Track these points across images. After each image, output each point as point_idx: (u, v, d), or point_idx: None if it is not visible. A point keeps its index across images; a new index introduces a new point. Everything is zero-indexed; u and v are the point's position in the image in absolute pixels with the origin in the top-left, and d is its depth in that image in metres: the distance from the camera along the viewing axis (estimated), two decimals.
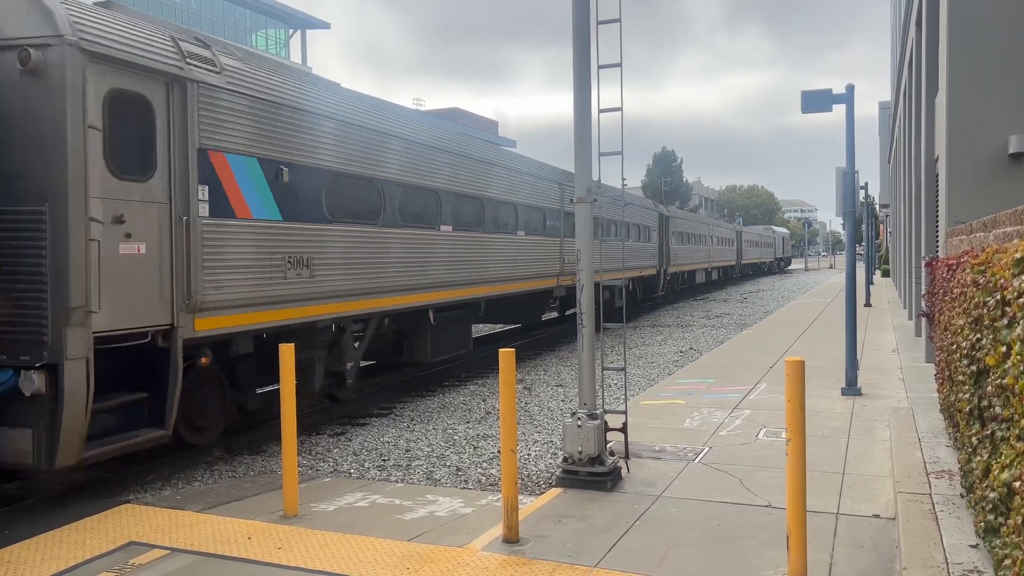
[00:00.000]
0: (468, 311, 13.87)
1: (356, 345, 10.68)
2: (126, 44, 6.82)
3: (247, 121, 8.21)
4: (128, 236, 6.87)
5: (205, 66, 7.66)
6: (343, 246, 9.72)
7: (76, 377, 6.26)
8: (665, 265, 29.44)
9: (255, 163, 8.34)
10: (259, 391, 9.56)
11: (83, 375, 6.31)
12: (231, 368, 8.76)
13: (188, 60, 7.46)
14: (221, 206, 7.81)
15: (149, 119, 7.13)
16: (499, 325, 21.41)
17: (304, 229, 9.00)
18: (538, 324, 20.71)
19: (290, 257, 8.74)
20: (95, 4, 7.54)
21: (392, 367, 13.76)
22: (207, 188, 7.63)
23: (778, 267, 75.10)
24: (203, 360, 7.91)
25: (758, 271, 64.39)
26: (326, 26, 58.07)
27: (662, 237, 29.04)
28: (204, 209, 7.58)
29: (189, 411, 7.96)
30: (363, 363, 11.39)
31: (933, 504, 5.50)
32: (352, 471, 8.08)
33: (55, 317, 6.21)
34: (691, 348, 17.65)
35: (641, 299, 27.17)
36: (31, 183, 6.27)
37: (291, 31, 56.42)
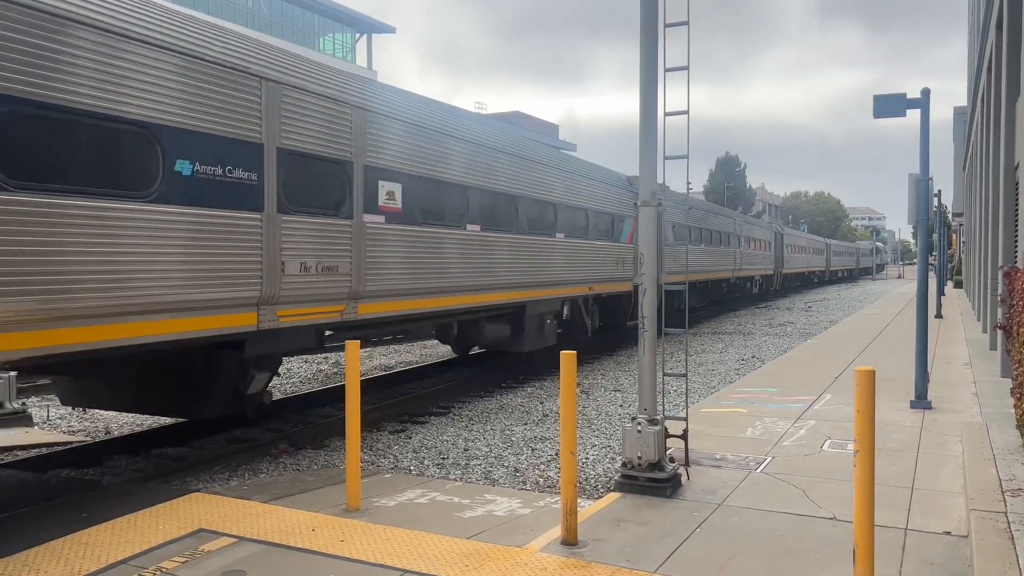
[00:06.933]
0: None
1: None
2: None
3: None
4: None
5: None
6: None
7: None
8: (829, 267, 62.30)
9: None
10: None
11: None
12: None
13: None
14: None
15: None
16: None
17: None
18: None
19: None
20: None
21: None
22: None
23: (878, 270, 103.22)
24: None
25: (866, 271, 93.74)
26: (391, 30, 58.98)
27: (828, 254, 61.44)
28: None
29: None
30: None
31: (1008, 523, 5.30)
32: (412, 468, 8.19)
33: None
34: (753, 356, 17.35)
35: (819, 282, 59.36)
36: None
37: (358, 35, 57.47)
